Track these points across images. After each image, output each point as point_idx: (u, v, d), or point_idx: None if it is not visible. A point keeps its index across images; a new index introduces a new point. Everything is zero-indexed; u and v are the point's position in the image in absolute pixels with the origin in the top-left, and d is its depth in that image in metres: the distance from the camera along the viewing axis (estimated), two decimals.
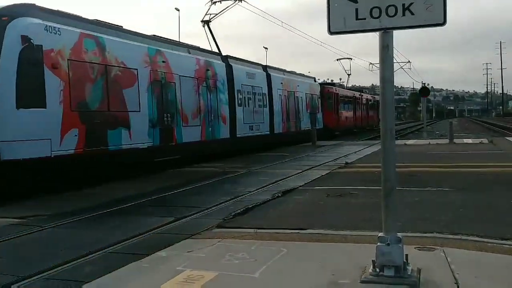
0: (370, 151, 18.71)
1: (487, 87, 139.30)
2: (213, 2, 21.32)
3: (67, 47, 11.16)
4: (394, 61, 4.55)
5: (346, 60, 45.43)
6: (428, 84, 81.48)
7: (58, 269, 5.03)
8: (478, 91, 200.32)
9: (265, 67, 23.80)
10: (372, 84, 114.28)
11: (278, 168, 14.22)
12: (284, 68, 26.78)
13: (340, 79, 52.39)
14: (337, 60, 44.65)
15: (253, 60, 23.43)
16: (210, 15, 21.39)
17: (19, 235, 6.67)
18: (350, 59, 45.33)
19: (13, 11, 10.38)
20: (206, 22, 21.40)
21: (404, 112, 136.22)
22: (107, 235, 6.47)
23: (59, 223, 7.33)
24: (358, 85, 77.22)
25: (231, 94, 19.28)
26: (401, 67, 54.78)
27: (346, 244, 5.43)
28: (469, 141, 23.49)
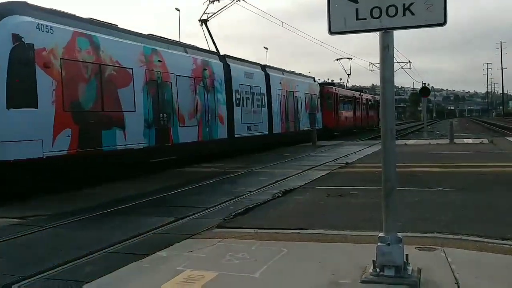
0: (371, 151, 18.70)
1: (488, 87, 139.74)
2: (211, 1, 21.20)
3: (60, 46, 10.94)
4: (395, 61, 4.54)
5: (346, 60, 45.34)
6: (429, 84, 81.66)
7: (59, 269, 5.03)
8: (479, 91, 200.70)
9: (264, 67, 23.63)
10: (373, 84, 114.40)
11: (279, 168, 14.21)
12: (283, 68, 26.71)
13: (341, 79, 52.38)
14: (337, 60, 44.53)
15: (253, 60, 23.38)
16: (208, 14, 21.30)
17: (20, 235, 6.67)
18: (350, 59, 45.21)
19: (4, 9, 10.18)
20: (204, 21, 21.26)
21: (405, 112, 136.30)
22: (108, 235, 6.48)
23: (59, 223, 7.34)
24: (359, 85, 77.19)
25: (229, 94, 19.07)
26: (402, 67, 54.77)
27: (347, 244, 5.43)
28: (470, 141, 23.49)
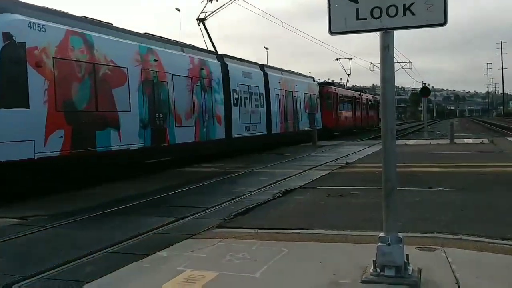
0: (371, 151, 18.69)
1: (488, 87, 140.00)
2: (209, 0, 21.02)
3: (52, 45, 10.71)
4: (395, 61, 4.55)
5: (346, 60, 45.13)
6: (429, 84, 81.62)
7: (59, 269, 5.03)
8: (479, 91, 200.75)
9: (262, 66, 23.45)
10: (373, 84, 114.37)
11: (279, 168, 14.22)
12: (282, 68, 26.60)
13: (341, 79, 52.21)
14: (337, 60, 44.27)
15: (253, 60, 23.27)
16: (206, 13, 21.12)
17: (20, 235, 6.67)
18: (350, 59, 44.99)
19: None
20: (202, 20, 21.07)
21: (405, 112, 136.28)
22: (108, 235, 6.48)
23: (60, 223, 7.34)
24: (359, 85, 77.11)
25: (227, 94, 18.85)
26: (402, 67, 54.78)
27: (347, 244, 5.44)
28: (470, 141, 23.50)
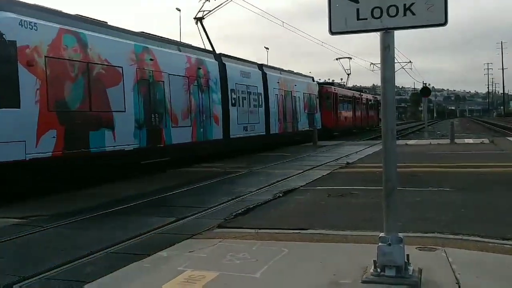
0: (371, 151, 18.69)
1: (488, 87, 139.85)
2: None
3: (45, 43, 10.46)
4: (395, 61, 4.55)
5: (346, 60, 44.94)
6: (429, 84, 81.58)
7: (60, 269, 5.04)
8: (479, 91, 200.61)
9: (261, 66, 23.24)
10: (373, 84, 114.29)
11: (279, 168, 14.22)
12: (281, 67, 26.46)
13: (342, 79, 52.08)
14: (336, 60, 43.98)
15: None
16: (204, 12, 20.86)
17: (21, 235, 6.68)
18: (350, 59, 44.80)
19: None
20: (199, 19, 20.81)
21: (405, 112, 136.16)
22: (108, 235, 6.49)
23: (60, 223, 7.35)
24: (359, 85, 77.16)
25: (224, 94, 18.63)
26: (402, 67, 54.70)
27: (347, 244, 5.44)
28: (470, 141, 23.50)
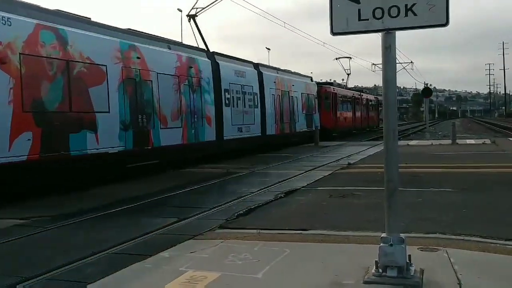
0: (373, 152, 18.68)
1: (490, 88, 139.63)
2: None
3: (19, 40, 9.81)
4: (397, 62, 4.55)
5: (346, 60, 44.48)
6: (431, 85, 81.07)
7: (62, 270, 5.05)
8: (481, 92, 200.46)
9: (257, 65, 22.67)
10: (375, 85, 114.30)
11: (281, 169, 14.23)
12: (278, 67, 26.01)
13: (343, 80, 52.08)
14: (336, 59, 43.47)
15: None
16: (197, 9, 20.38)
17: (23, 236, 6.69)
18: (350, 58, 44.38)
19: None
20: (192, 16, 20.35)
21: (407, 113, 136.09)
22: (110, 236, 6.50)
23: (62, 224, 7.36)
24: (361, 86, 77.09)
25: (218, 94, 17.94)
26: (404, 68, 54.69)
27: (349, 245, 5.44)
28: (472, 142, 23.49)
